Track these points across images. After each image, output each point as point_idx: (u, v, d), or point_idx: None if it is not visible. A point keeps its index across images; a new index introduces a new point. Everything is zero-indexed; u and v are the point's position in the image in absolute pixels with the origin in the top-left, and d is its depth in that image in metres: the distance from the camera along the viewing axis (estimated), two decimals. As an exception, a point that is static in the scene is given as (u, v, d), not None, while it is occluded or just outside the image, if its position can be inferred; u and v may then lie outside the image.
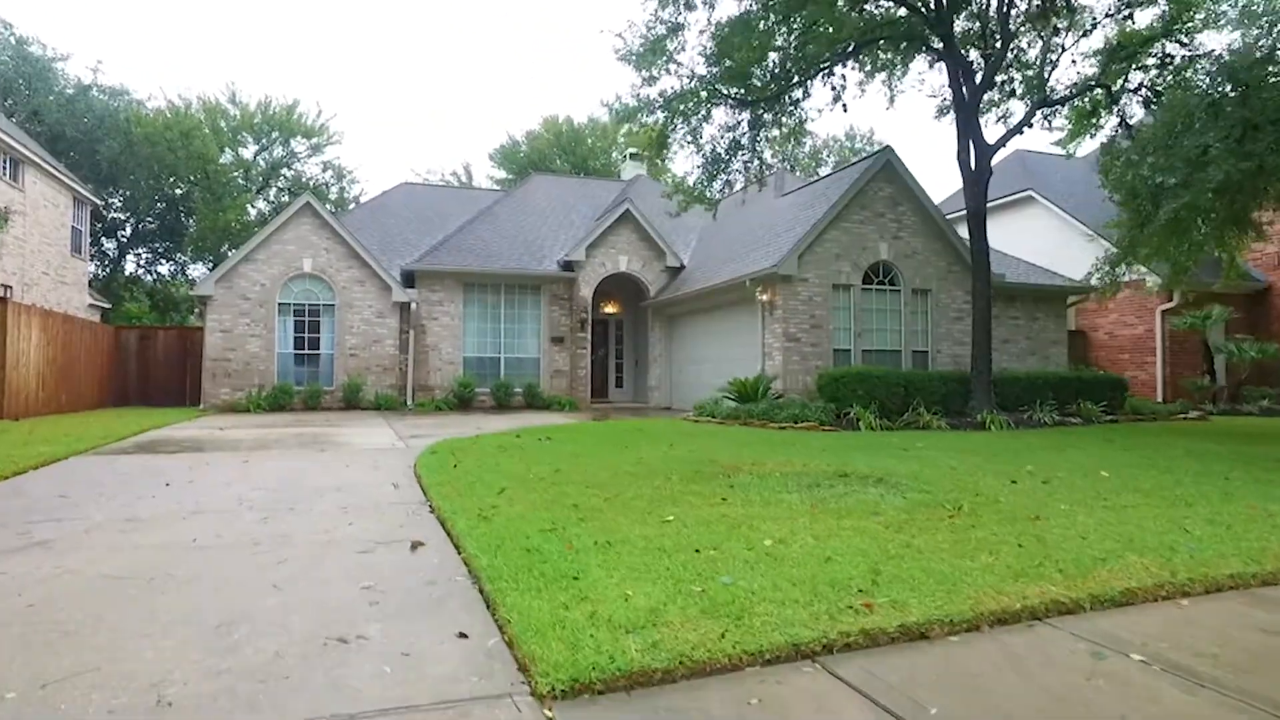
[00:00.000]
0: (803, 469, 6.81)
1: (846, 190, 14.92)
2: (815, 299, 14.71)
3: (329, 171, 34.95)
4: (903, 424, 11.93)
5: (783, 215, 17.34)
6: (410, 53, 76.33)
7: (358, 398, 18.01)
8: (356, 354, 18.52)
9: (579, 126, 40.00)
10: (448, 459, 7.77)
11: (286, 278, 18.14)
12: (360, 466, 7.73)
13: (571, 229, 22.34)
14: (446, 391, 18.90)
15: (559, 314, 20.11)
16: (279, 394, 17.37)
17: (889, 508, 5.11)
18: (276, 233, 18.16)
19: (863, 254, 15.17)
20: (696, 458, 7.63)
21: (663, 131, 13.85)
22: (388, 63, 76.04)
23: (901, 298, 15.56)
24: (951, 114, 15.91)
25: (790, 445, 8.93)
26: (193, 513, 5.34)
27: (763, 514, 4.93)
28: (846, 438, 10.10)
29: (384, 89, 73.98)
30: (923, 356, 15.69)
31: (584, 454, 8.04)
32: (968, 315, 15.94)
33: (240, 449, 9.13)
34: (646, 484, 6.08)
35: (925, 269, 15.67)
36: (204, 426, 12.34)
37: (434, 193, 26.51)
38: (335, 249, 18.51)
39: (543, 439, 9.59)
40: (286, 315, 18.23)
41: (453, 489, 6.05)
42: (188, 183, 29.63)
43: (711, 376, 17.63)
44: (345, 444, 9.81)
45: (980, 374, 12.88)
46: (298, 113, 32.82)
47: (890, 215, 15.46)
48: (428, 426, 12.73)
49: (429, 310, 19.07)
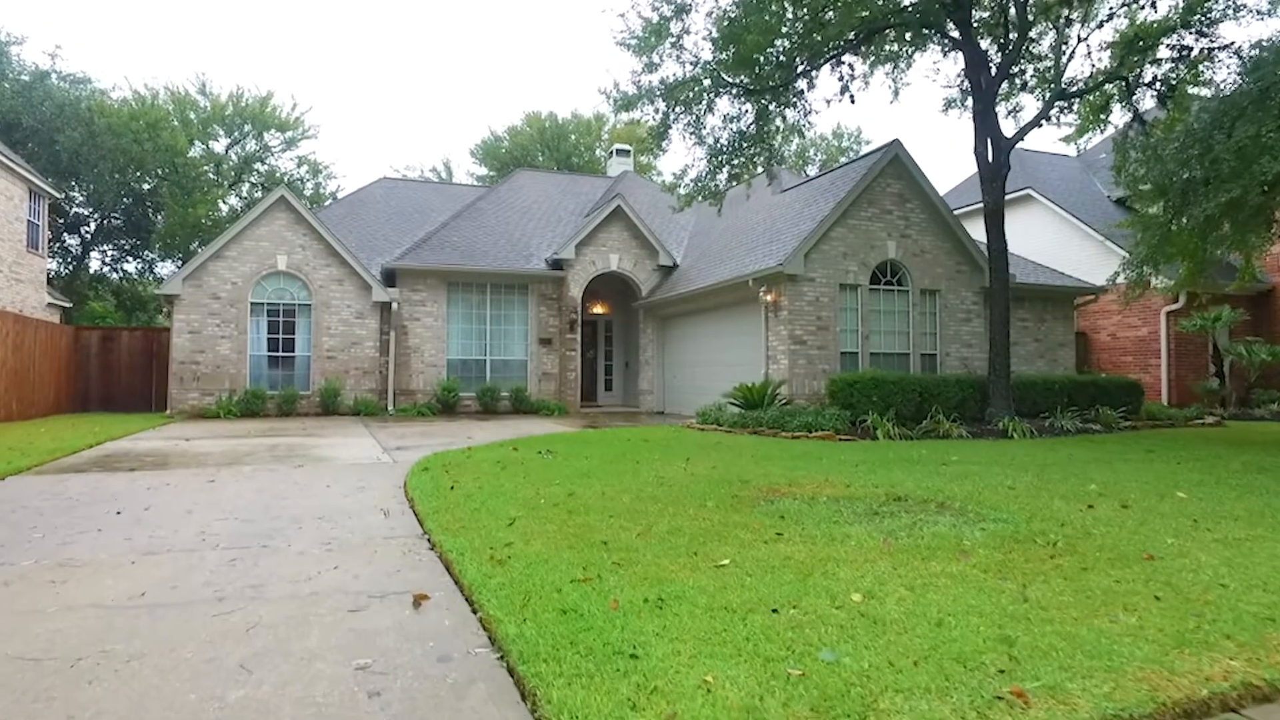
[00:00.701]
0: (847, 491, 6.05)
1: (854, 186, 14.23)
2: (822, 299, 14.01)
3: (304, 166, 33.77)
4: (921, 432, 11.25)
5: (784, 212, 16.64)
6: (388, 45, 74.93)
7: (336, 403, 17.04)
8: (334, 356, 17.54)
9: (563, 122, 39.09)
10: (442, 478, 6.92)
11: (259, 276, 17.11)
12: (343, 486, 6.86)
13: (559, 226, 21.51)
14: (429, 396, 17.98)
15: (547, 314, 19.26)
16: (251, 399, 16.36)
17: (974, 544, 4.36)
18: (249, 228, 17.12)
19: (870, 252, 14.49)
20: (723, 476, 6.84)
21: (665, 120, 13.06)
22: (365, 55, 74.56)
23: (909, 298, 14.91)
24: (958, 108, 15.37)
25: (816, 459, 8.18)
26: (144, 553, 4.47)
27: (831, 554, 4.15)
28: (870, 449, 9.38)
29: (361, 82, 72.52)
30: (931, 360, 15.05)
31: (594, 471, 7.23)
32: (976, 317, 15.37)
33: (207, 464, 8.20)
34: (679, 512, 5.28)
35: (934, 268, 15.04)
36: (169, 436, 11.35)
37: (415, 188, 25.53)
38: (311, 245, 17.52)
39: (544, 452, 8.76)
40: (260, 315, 17.21)
41: (453, 518, 5.22)
42: (155, 177, 28.34)
43: (709, 380, 16.88)
44: (325, 458, 8.91)
45: (998, 379, 12.25)
46: (272, 105, 31.60)
47: (898, 212, 14.80)
48: (413, 436, 11.83)
49: (411, 311, 18.13)
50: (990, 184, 12.33)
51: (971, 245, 15.21)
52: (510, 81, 72.43)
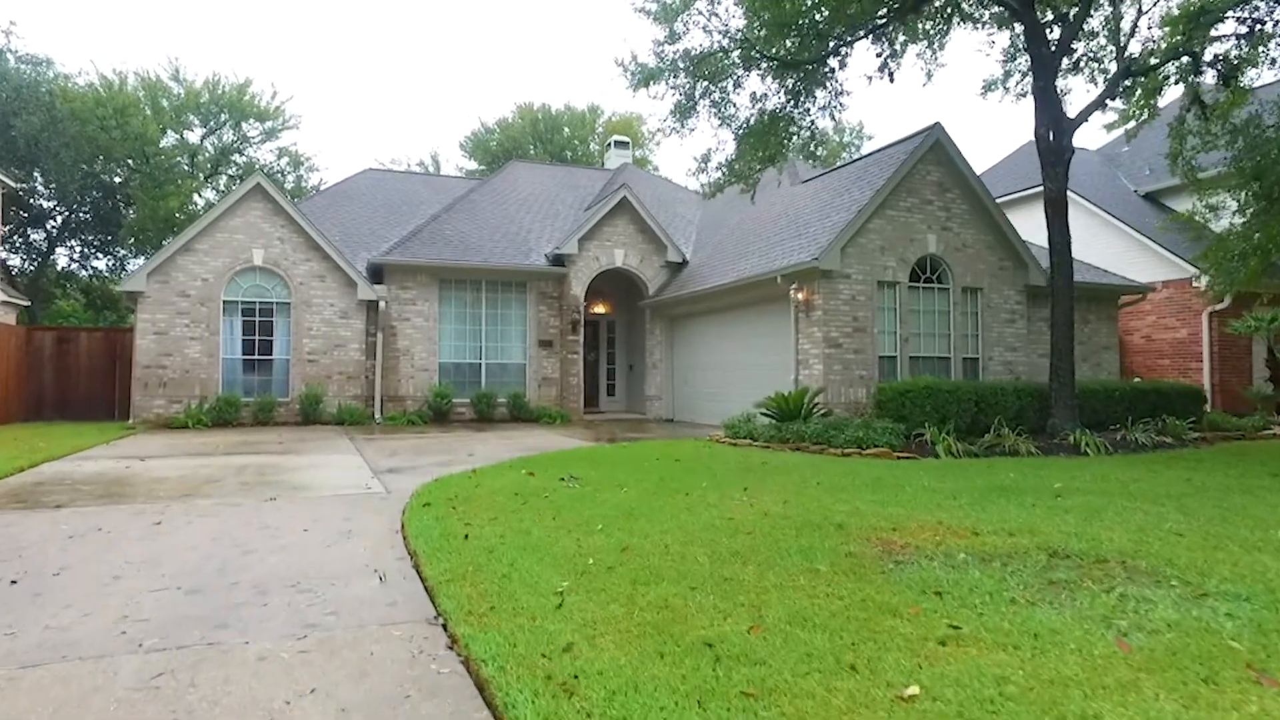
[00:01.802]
0: (980, 541, 4.69)
1: (894, 173, 12.91)
2: (859, 298, 12.68)
3: (285, 158, 32.05)
4: (984, 447, 9.92)
5: (808, 204, 15.31)
6: (372, 32, 72.87)
7: (317, 411, 15.52)
8: (316, 360, 16.02)
9: (556, 113, 37.55)
10: (450, 519, 5.50)
11: (233, 271, 15.57)
12: (325, 530, 5.42)
13: (557, 220, 20.08)
14: (420, 403, 16.51)
15: (547, 314, 17.83)
16: (224, 407, 14.82)
17: (1247, 646, 3.00)
18: (222, 219, 15.57)
19: (909, 247, 13.19)
20: (805, 516, 5.46)
21: (690, 96, 11.67)
22: (348, 43, 72.49)
23: (950, 297, 13.61)
24: (999, 90, 14.13)
25: (895, 487, 6.82)
26: (27, 665, 3.02)
27: (1059, 670, 2.78)
28: (946, 472, 8.04)
29: (344, 71, 70.25)
30: (973, 364, 13.77)
31: (639, 509, 5.83)
32: (1020, 317, 14.13)
33: (158, 496, 6.72)
34: (786, 582, 3.90)
35: (976, 265, 13.76)
36: (122, 454, 9.83)
37: (403, 180, 24.01)
38: (291, 239, 16.00)
39: (567, 480, 7.34)
40: (233, 315, 15.67)
41: (475, 590, 3.81)
42: (125, 167, 26.60)
43: (726, 386, 15.53)
44: (303, 485, 7.45)
45: (1062, 387, 10.96)
46: (250, 93, 29.87)
47: (938, 203, 13.51)
48: (406, 452, 10.38)
49: (400, 310, 16.65)
50: (1052, 169, 11.04)
51: (1016, 239, 13.94)
52: (501, 72, 70.55)
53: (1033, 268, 14.06)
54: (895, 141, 14.24)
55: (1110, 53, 12.85)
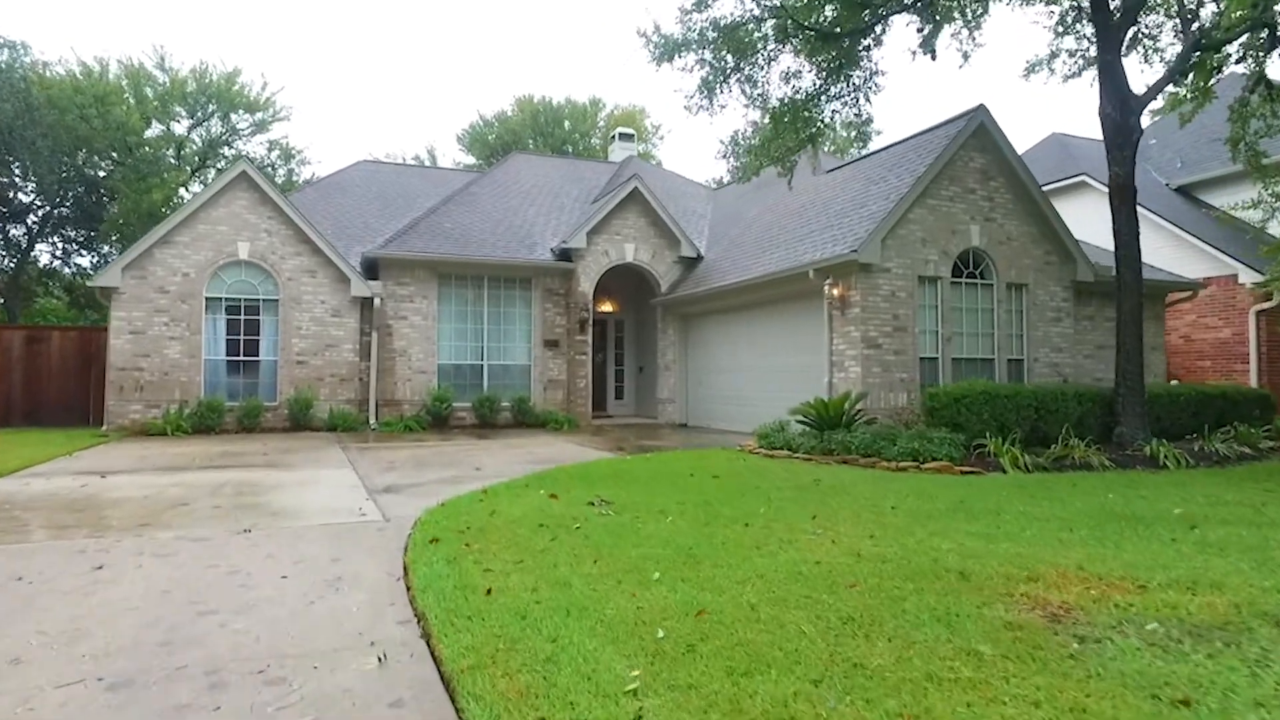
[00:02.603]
0: (1148, 597, 3.63)
1: (937, 158, 11.86)
2: (899, 294, 11.63)
3: (275, 151, 30.86)
4: (1052, 460, 8.86)
5: (837, 194, 14.24)
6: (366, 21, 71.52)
7: (307, 416, 14.40)
8: (306, 361, 14.89)
9: (557, 106, 36.42)
10: (466, 564, 4.41)
11: (217, 266, 14.44)
12: (308, 577, 4.33)
13: (563, 214, 18.99)
14: (418, 407, 15.40)
15: (554, 312, 16.75)
16: (206, 412, 13.68)
17: None
18: (204, 209, 14.44)
19: (952, 239, 12.14)
20: (911, 561, 4.38)
21: (719, 70, 10.60)
22: (340, 33, 71.13)
23: (994, 294, 12.58)
24: (1043, 70, 13.13)
25: (989, 514, 5.76)
26: None
27: None
28: (1027, 491, 6.98)
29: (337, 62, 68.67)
30: (1017, 366, 12.74)
31: (698, 548, 4.74)
32: (1066, 316, 13.11)
33: (110, 526, 5.61)
34: (940, 669, 2.82)
35: (1021, 259, 12.72)
36: (84, 469, 8.70)
37: (399, 172, 22.89)
38: (279, 231, 14.87)
39: (598, 504, 6.25)
40: (217, 312, 14.53)
41: (513, 688, 2.73)
42: (109, 160, 25.39)
43: (748, 389, 14.46)
44: (285, 511, 6.34)
45: (1130, 392, 9.92)
46: (239, 83, 28.69)
47: (982, 192, 12.46)
48: (404, 465, 9.27)
49: (396, 307, 15.54)
50: (1119, 151, 10.01)
51: (1064, 231, 12.91)
52: (498, 64, 68.97)
53: (1080, 262, 13.04)
54: (934, 126, 13.18)
55: (1171, 27, 11.85)
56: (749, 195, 19.88)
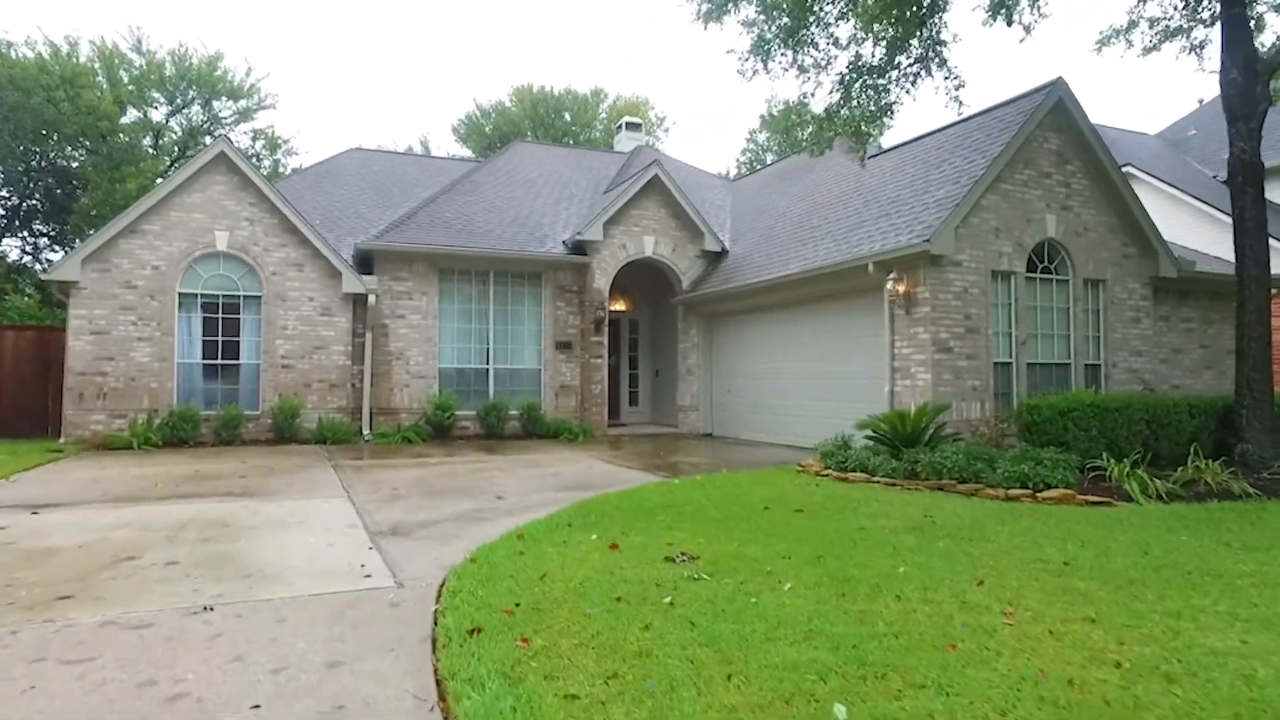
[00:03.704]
0: None
1: (1014, 136, 10.45)
2: (971, 291, 10.22)
3: (260, 140, 29.14)
4: (1182, 484, 7.44)
5: (889, 179, 12.82)
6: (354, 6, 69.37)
7: (293, 426, 12.84)
8: (292, 365, 13.33)
9: (558, 96, 34.84)
10: (535, 686, 2.91)
11: (191, 258, 12.85)
12: (292, 704, 2.83)
13: (573, 205, 17.49)
14: (417, 415, 13.87)
15: (566, 311, 15.25)
16: (179, 422, 12.11)
17: None
18: (177, 194, 12.85)
19: (1026, 229, 10.74)
20: (1199, 681, 2.93)
21: (789, 26, 9.13)
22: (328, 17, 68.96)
23: (1070, 291, 11.20)
24: (1119, 42, 11.77)
25: (1208, 574, 4.33)
26: None
27: None
28: (1195, 529, 5.57)
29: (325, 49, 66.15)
30: (1094, 371, 11.36)
31: (863, 647, 3.27)
32: (1145, 316, 11.75)
33: (9, 603, 4.06)
34: None
35: (1098, 252, 11.35)
36: (14, 500, 7.13)
37: (394, 160, 21.30)
38: (262, 220, 13.31)
39: (680, 561, 4.77)
40: (191, 310, 12.95)
41: None
42: (80, 147, 23.66)
43: (788, 398, 13.02)
44: (264, 570, 4.81)
45: (1258, 403, 8.52)
46: (221, 68, 27.00)
47: (1057, 176, 11.07)
48: (411, 490, 7.74)
49: (393, 305, 14.00)
50: (1244, 124, 8.61)
51: (1146, 221, 11.55)
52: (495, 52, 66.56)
53: (1163, 256, 11.69)
54: (1002, 102, 11.77)
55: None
56: (773, 186, 18.47)
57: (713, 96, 64.42)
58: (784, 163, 20.48)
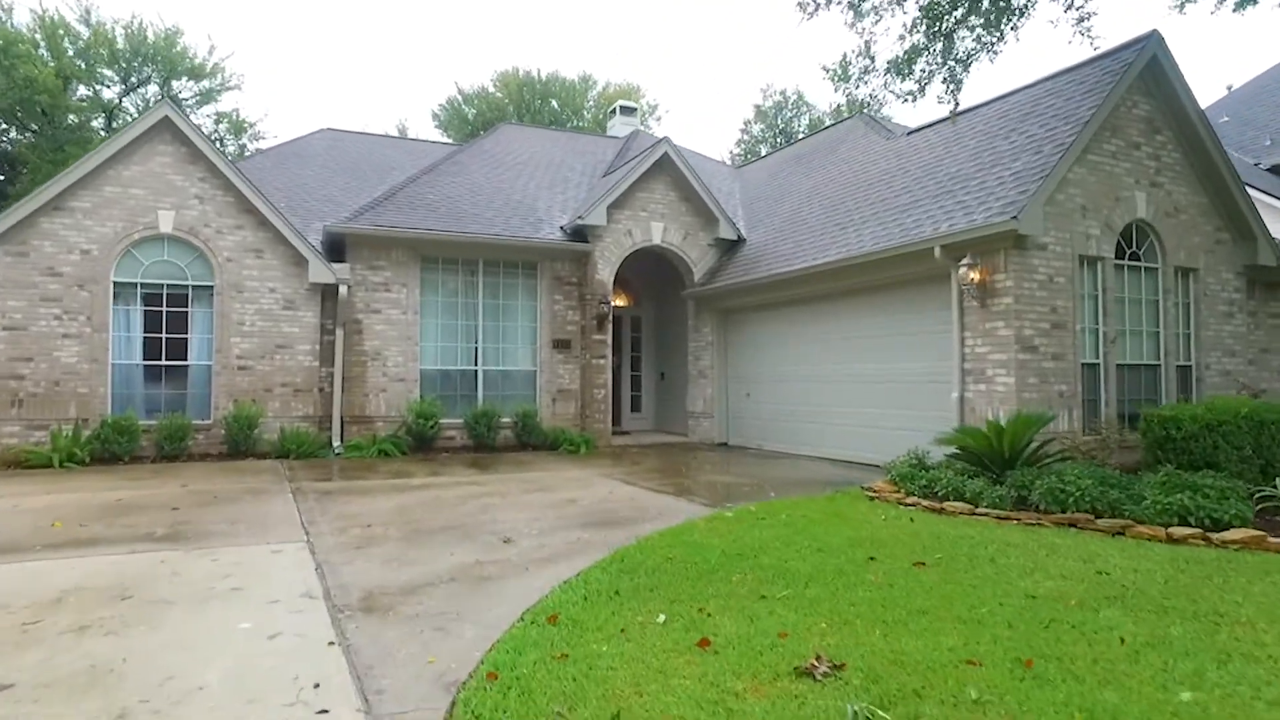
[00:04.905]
0: None
1: (1105, 99, 8.88)
2: (1057, 280, 8.64)
3: (224, 124, 27.03)
4: (1371, 519, 5.90)
5: (943, 155, 11.24)
6: None
7: (250, 438, 11.00)
8: (250, 366, 11.48)
9: (545, 80, 32.95)
10: None
11: (129, 241, 10.96)
12: None
13: (569, 188, 15.75)
14: (395, 424, 12.07)
15: (564, 306, 13.51)
16: (112, 435, 10.22)
17: None
18: (112, 165, 10.94)
19: (1115, 208, 9.19)
20: None
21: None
22: None
23: (1159, 281, 9.67)
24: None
25: None
26: None
27: None
28: None
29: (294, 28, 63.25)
30: (1185, 374, 9.84)
31: None
32: (1239, 310, 10.29)
33: None
34: None
35: (1190, 236, 9.84)
36: None
37: (369, 142, 19.39)
38: (215, 198, 11.44)
39: (820, 673, 3.07)
40: (129, 302, 11.05)
41: None
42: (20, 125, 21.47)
43: (823, 404, 11.39)
44: (153, 697, 3.04)
45: None
46: (180, 45, 24.90)
47: (1147, 147, 9.54)
48: (390, 530, 5.97)
49: (367, 298, 12.18)
50: None
51: (1245, 202, 10.06)
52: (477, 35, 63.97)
53: (1261, 242, 10.20)
54: (1081, 63, 10.22)
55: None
56: (789, 170, 16.87)
57: (704, 90, 62.86)
58: (798, 145, 18.88)
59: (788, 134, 35.34)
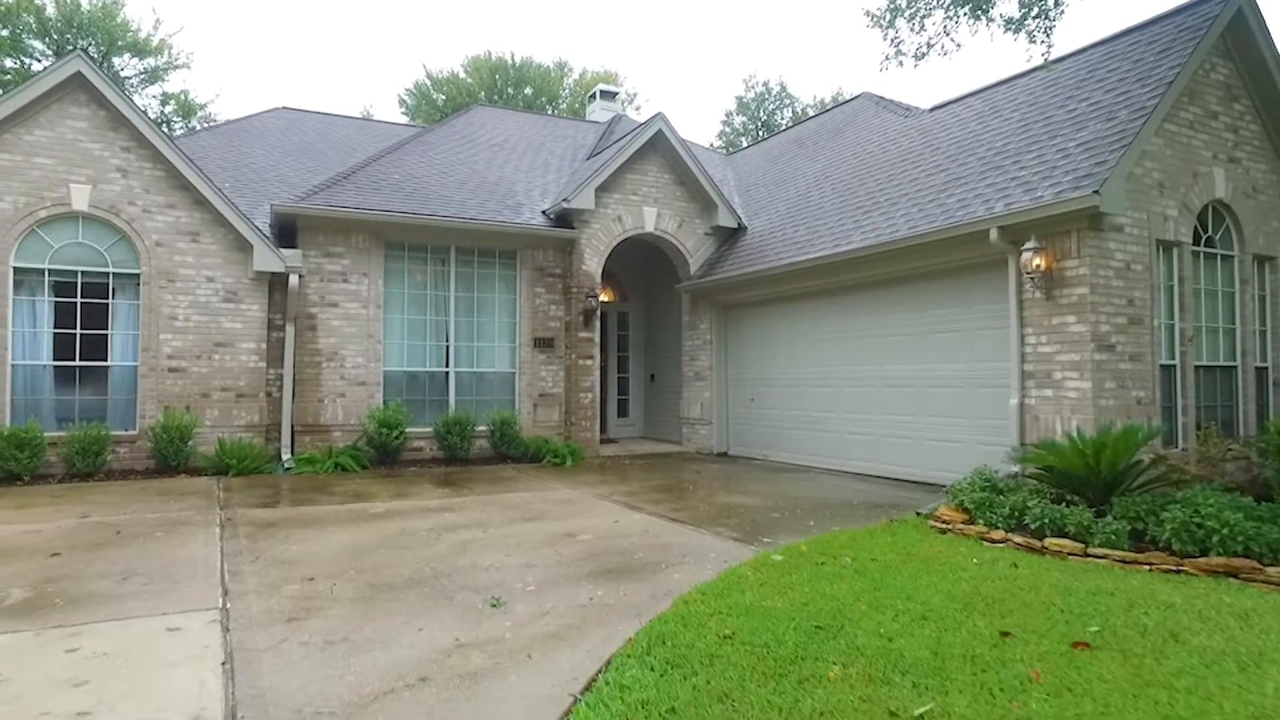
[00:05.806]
0: None
1: (1191, 55, 7.66)
2: (1134, 267, 7.39)
3: (171, 104, 25.06)
4: None
5: (981, 129, 9.98)
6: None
7: (184, 451, 9.37)
8: (183, 368, 9.84)
9: (518, 66, 31.32)
10: None
11: (34, 219, 9.26)
12: None
13: (549, 173, 14.26)
14: (354, 434, 10.52)
15: (547, 300, 12.05)
16: (9, 450, 8.56)
17: None
18: (8, 128, 9.23)
19: (1193, 186, 7.98)
20: None
21: None
22: None
23: (1235, 271, 8.50)
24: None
25: None
26: None
27: None
28: None
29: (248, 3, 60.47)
30: (1262, 375, 8.68)
31: None
32: (1317, 304, 9.11)
33: None
34: None
35: (1268, 219, 8.69)
36: None
37: (329, 122, 17.68)
38: (142, 171, 9.78)
39: None
40: (35, 293, 9.36)
41: None
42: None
43: (842, 409, 10.07)
44: None
45: None
46: (121, 17, 22.90)
47: (1224, 118, 8.34)
48: (338, 580, 4.47)
49: (323, 289, 10.60)
50: None
51: (1325, 180, 8.93)
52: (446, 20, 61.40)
53: (1340, 226, 9.08)
54: (1149, 20, 9.01)
55: None
56: (789, 154, 15.56)
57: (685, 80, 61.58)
58: (798, 128, 17.59)
59: (770, 126, 34.14)
